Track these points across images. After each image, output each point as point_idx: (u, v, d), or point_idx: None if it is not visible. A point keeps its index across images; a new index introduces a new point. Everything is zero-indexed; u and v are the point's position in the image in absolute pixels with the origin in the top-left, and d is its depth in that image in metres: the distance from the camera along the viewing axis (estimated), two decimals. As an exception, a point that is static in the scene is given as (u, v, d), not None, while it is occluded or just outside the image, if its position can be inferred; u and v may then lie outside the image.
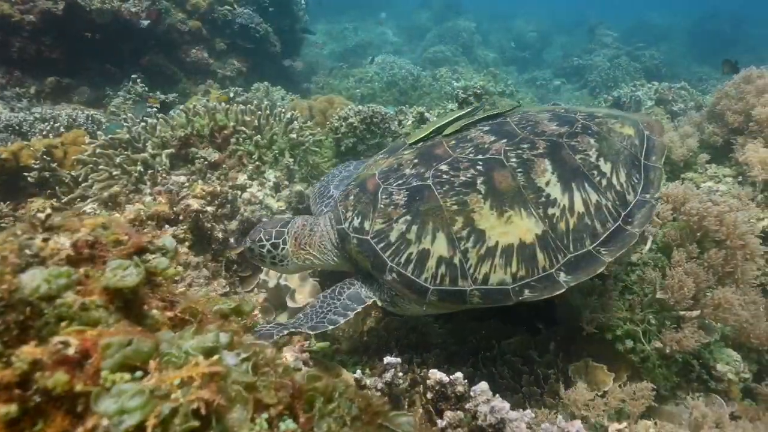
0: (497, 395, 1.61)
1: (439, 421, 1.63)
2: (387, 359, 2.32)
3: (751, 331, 3.50)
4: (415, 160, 2.89)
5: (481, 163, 2.72)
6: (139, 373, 1.22)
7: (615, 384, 2.80)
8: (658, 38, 24.03)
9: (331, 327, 2.65)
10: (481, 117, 3.23)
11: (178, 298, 1.71)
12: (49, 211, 1.71)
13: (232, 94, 6.69)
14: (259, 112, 4.55)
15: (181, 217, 3.27)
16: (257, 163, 4.32)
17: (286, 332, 2.49)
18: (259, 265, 3.45)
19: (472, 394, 1.63)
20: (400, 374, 2.35)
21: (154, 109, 4.78)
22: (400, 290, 2.69)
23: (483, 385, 1.64)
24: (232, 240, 3.74)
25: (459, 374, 1.71)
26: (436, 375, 1.75)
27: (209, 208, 3.42)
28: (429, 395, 1.77)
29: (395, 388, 2.33)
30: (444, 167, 2.75)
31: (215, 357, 1.30)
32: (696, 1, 31.45)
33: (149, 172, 3.85)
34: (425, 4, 28.68)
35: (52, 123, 5.15)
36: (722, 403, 3.25)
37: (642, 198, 2.74)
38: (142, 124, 4.22)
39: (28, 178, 4.22)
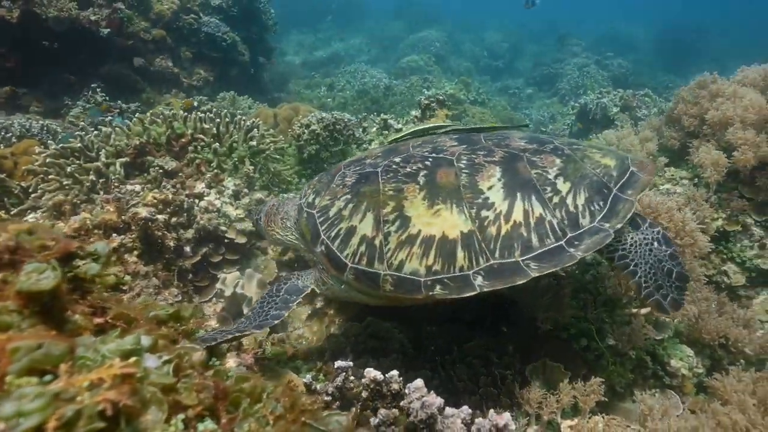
0: (432, 392, 1.61)
1: (372, 419, 1.61)
2: (338, 363, 2.29)
3: (703, 327, 3.58)
4: (379, 154, 3.03)
5: (431, 159, 2.80)
6: (49, 377, 1.19)
7: (565, 381, 2.81)
8: (626, 48, 24.66)
9: (276, 321, 2.70)
10: (468, 128, 3.35)
11: (110, 304, 1.68)
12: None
13: (196, 103, 6.62)
14: (218, 120, 4.51)
15: (132, 227, 3.20)
16: (216, 171, 4.27)
17: (230, 336, 2.46)
18: None
19: (407, 391, 1.63)
20: (352, 378, 2.33)
21: (110, 117, 4.68)
22: (325, 264, 2.79)
23: (418, 382, 1.63)
24: (187, 248, 3.68)
25: (394, 372, 1.70)
26: (370, 373, 1.74)
27: (160, 217, 3.36)
28: (365, 394, 1.75)
29: (347, 392, 2.31)
30: (397, 159, 2.87)
31: (132, 359, 1.28)
32: (662, 12, 32.47)
33: (101, 181, 3.77)
34: (399, 15, 28.98)
35: (3, 133, 5.01)
36: (677, 398, 3.31)
37: (599, 226, 2.60)
38: (95, 132, 4.14)
39: (-24, 190, 4.09)
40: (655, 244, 2.77)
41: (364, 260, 2.65)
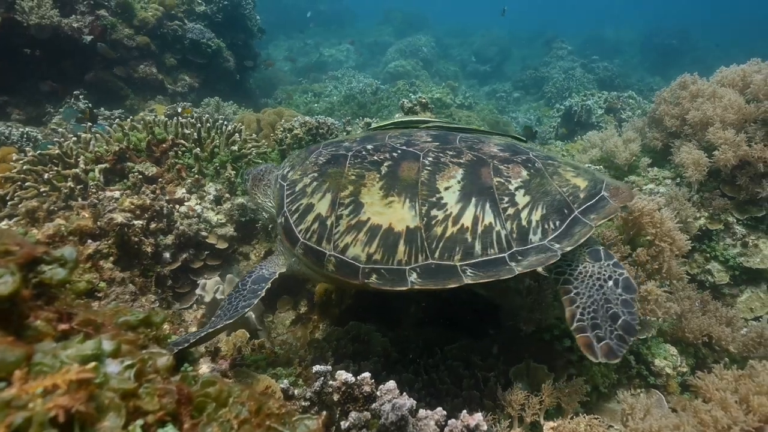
0: (404, 393, 1.58)
1: (342, 423, 1.59)
2: (315, 368, 2.26)
3: (686, 326, 3.59)
4: (357, 139, 3.05)
5: (399, 151, 2.81)
6: (2, 384, 1.16)
7: (549, 382, 2.79)
8: (612, 51, 24.92)
9: (246, 311, 2.73)
10: (456, 126, 3.36)
11: (77, 310, 1.64)
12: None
13: (179, 109, 6.57)
14: (199, 125, 4.47)
15: (109, 233, 3.15)
16: (197, 176, 4.23)
17: (203, 334, 2.44)
18: None
19: (378, 393, 1.60)
20: (330, 383, 2.30)
21: (89, 123, 4.63)
22: (282, 235, 2.89)
23: (390, 384, 1.61)
24: (167, 254, 3.63)
25: (366, 374, 1.68)
26: (341, 376, 1.71)
27: (137, 222, 3.31)
28: (336, 397, 1.72)
29: (326, 397, 2.28)
30: (370, 146, 2.90)
31: (90, 364, 1.25)
32: (647, 15, 32.88)
33: (79, 187, 3.72)
34: (387, 21, 29.09)
35: (-19, 141, 4.95)
36: (661, 397, 3.31)
37: (548, 245, 2.53)
38: (74, 138, 4.09)
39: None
40: (610, 283, 2.58)
41: (314, 238, 2.73)
